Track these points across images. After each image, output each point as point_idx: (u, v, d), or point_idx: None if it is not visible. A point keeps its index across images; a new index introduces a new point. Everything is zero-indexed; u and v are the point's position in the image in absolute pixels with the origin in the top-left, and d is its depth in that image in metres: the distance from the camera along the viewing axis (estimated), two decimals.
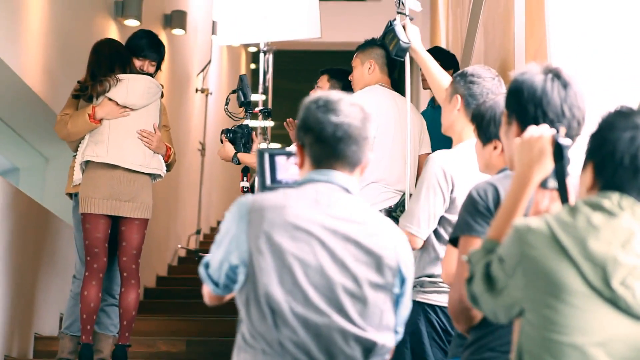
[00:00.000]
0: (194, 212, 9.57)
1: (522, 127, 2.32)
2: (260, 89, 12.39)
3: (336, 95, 2.41)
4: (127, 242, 4.84)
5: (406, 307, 2.44)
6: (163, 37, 8.46)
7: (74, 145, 4.95)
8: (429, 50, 5.69)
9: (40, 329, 5.62)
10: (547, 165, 2.13)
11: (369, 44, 4.62)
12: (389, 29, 4.10)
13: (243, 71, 14.92)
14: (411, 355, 3.43)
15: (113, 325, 4.91)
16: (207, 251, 7.91)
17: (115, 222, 4.86)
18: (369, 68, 4.62)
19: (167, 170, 5.07)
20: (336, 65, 5.22)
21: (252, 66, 15.49)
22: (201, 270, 2.40)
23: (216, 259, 2.34)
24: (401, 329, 2.47)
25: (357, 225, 2.34)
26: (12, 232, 5.18)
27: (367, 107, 2.47)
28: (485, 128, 2.84)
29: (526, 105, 2.32)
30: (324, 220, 2.31)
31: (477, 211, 2.50)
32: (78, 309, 4.78)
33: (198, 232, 9.34)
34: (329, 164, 2.38)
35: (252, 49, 13.53)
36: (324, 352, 2.26)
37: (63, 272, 5.83)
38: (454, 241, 2.58)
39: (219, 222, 11.25)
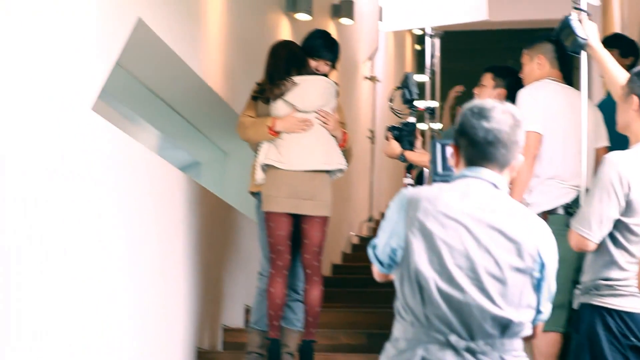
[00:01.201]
0: (365, 199, 9.68)
1: None
2: (428, 73, 12.35)
3: (490, 103, 2.69)
4: (309, 240, 4.97)
5: (548, 290, 2.66)
6: (332, 27, 8.60)
7: (255, 146, 5.12)
8: (608, 38, 5.57)
9: (227, 322, 5.86)
10: None
11: (537, 40, 4.59)
12: (565, 25, 4.05)
13: (409, 55, 14.91)
14: (590, 359, 3.42)
15: (298, 320, 5.06)
16: None
17: (297, 220, 5.00)
18: (538, 63, 4.58)
19: (347, 162, 5.17)
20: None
21: (417, 47, 15.49)
22: (369, 250, 2.73)
23: (381, 241, 2.67)
24: (545, 308, 2.68)
25: (502, 216, 2.61)
26: (199, 229, 5.40)
27: (519, 114, 2.70)
28: None
29: None
30: (471, 210, 2.60)
31: None
32: (264, 305, 4.96)
33: (370, 219, 9.44)
34: (480, 164, 2.67)
35: (418, 32, 13.51)
36: (464, 326, 2.54)
37: (247, 266, 6.04)
38: None
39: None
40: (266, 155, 4.97)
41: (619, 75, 3.91)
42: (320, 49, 5.17)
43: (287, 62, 5.07)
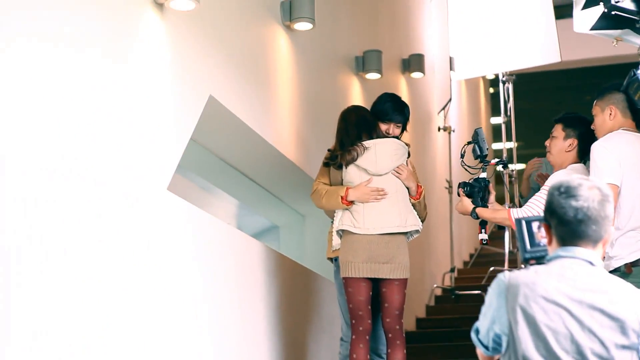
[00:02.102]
0: (446, 249, 9.64)
1: None
2: (503, 117, 12.29)
3: (576, 180, 2.74)
4: (389, 303, 4.98)
5: None
6: (403, 82, 8.65)
7: (331, 213, 5.17)
8: None
9: None
10: None
11: (607, 90, 4.56)
12: (633, 79, 4.03)
13: (483, 99, 14.88)
14: None
15: None
16: (463, 288, 7.94)
17: (376, 284, 5.02)
18: (610, 114, 4.55)
19: (422, 220, 5.18)
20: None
21: (491, 90, 15.46)
22: (473, 335, 2.81)
23: (484, 327, 2.75)
24: None
25: (601, 294, 2.65)
26: (279, 295, 5.46)
27: (606, 189, 2.75)
28: None
29: None
30: (570, 292, 2.64)
31: None
32: None
33: (452, 269, 9.39)
34: (573, 242, 2.72)
35: (491, 76, 13.49)
36: None
37: (330, 329, 6.07)
38: None
39: (471, 256, 11.27)
40: (341, 221, 5.02)
41: None
42: (389, 112, 5.21)
43: (357, 127, 5.12)
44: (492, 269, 9.38)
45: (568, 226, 2.70)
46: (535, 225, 2.86)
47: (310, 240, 6.87)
